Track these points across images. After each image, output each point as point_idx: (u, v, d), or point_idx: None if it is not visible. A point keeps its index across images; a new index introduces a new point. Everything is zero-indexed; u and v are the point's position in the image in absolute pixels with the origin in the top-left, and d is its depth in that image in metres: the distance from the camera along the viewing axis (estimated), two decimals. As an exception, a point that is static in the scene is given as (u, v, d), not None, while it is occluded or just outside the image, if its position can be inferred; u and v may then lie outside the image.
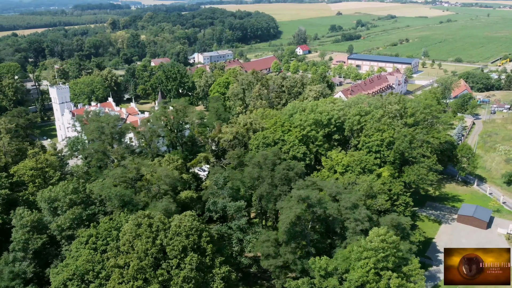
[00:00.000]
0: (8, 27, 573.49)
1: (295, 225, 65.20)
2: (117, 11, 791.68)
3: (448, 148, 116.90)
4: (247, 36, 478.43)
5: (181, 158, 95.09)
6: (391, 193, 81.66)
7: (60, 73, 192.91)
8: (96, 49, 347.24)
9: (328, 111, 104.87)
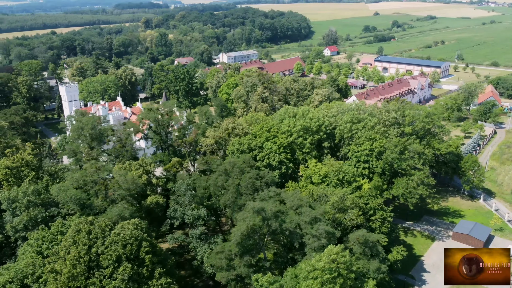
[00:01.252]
0: (51, 25, 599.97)
1: (249, 238, 62.75)
2: (155, 10, 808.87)
3: (452, 159, 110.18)
4: (277, 36, 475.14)
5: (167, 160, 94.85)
6: (367, 207, 77.30)
7: (78, 71, 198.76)
8: (125, 48, 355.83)
9: (318, 118, 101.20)
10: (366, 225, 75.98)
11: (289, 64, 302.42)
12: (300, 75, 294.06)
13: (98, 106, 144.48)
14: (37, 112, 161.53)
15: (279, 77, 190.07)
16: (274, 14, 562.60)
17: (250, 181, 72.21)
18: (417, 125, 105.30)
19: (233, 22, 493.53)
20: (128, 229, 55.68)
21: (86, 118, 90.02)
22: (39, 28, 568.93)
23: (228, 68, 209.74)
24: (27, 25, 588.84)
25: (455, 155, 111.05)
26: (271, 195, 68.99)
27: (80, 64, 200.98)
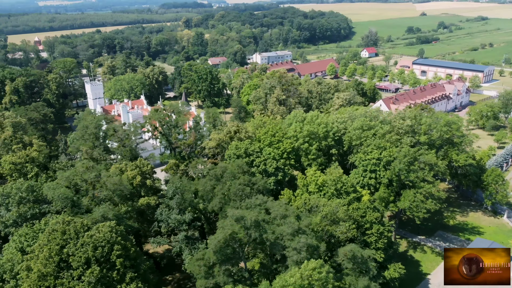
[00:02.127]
0: (98, 23, 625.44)
1: (227, 246, 61.13)
2: (198, 9, 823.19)
3: (474, 171, 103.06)
4: (315, 36, 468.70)
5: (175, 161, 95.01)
6: (362, 220, 73.43)
7: (109, 69, 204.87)
8: (163, 47, 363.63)
9: (326, 123, 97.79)
10: (361, 239, 72.14)
11: (322, 66, 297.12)
12: (333, 77, 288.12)
13: (120, 104, 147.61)
14: (66, 108, 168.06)
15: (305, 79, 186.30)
16: (314, 14, 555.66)
17: (239, 187, 70.55)
18: (433, 134, 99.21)
19: (271, 22, 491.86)
20: (101, 231, 55.71)
21: (90, 117, 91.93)
22: (87, 26, 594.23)
23: (254, 69, 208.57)
24: (76, 23, 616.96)
25: (477, 167, 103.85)
26: (258, 203, 66.98)
27: (111, 63, 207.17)
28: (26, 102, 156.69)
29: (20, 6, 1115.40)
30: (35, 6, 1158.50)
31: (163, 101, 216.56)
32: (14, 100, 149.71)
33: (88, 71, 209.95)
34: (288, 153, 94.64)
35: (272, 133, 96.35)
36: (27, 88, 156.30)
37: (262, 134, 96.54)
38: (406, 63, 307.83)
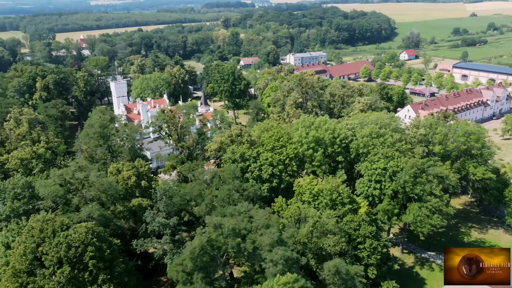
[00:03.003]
0: (141, 22, 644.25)
1: (205, 254, 60.04)
2: (239, 9, 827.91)
3: (495, 186, 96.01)
4: (354, 37, 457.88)
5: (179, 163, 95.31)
6: (355, 233, 70.01)
7: (138, 68, 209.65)
8: (198, 46, 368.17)
9: (333, 129, 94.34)
10: (351, 253, 68.89)
11: (355, 68, 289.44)
12: (367, 79, 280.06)
13: (141, 103, 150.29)
14: (93, 105, 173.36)
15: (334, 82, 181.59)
16: (355, 14, 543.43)
17: (227, 193, 69.28)
18: (448, 144, 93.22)
19: (310, 22, 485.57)
20: (77, 232, 56.27)
21: (96, 116, 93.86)
22: (131, 25, 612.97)
23: (280, 70, 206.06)
24: (121, 22, 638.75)
25: (498, 181, 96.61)
26: (242, 210, 65.39)
27: (141, 62, 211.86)
28: (56, 99, 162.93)
29: (74, 5, 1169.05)
30: (87, 5, 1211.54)
31: (190, 100, 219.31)
32: (44, 96, 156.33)
33: (114, 70, 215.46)
34: (291, 159, 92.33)
35: (276, 138, 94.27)
36: (57, 85, 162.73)
37: (266, 138, 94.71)
38: (446, 67, 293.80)
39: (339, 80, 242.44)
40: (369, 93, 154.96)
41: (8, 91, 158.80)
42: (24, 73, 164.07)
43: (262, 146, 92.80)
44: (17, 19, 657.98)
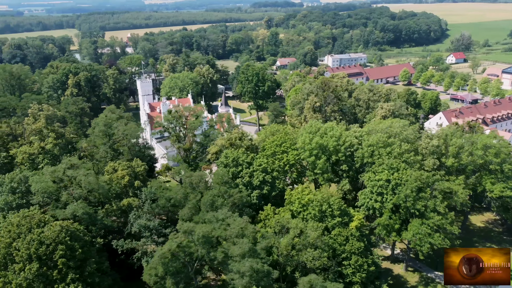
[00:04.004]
0: (188, 21, 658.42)
1: (176, 259, 59.30)
2: (287, 9, 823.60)
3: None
4: (400, 39, 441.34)
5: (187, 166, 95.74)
6: (340, 248, 66.42)
7: (170, 66, 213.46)
8: (238, 46, 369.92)
9: (338, 136, 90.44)
10: (334, 269, 65.42)
11: (395, 71, 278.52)
12: (406, 83, 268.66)
13: (163, 102, 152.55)
14: (122, 102, 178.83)
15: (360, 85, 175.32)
16: (404, 15, 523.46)
17: (210, 198, 68.18)
18: (463, 158, 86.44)
19: (354, 22, 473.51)
20: (50, 229, 57.37)
21: (102, 114, 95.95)
22: (178, 24, 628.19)
23: (309, 72, 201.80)
24: (169, 21, 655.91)
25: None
26: (221, 217, 64.00)
27: (173, 61, 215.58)
28: (86, 95, 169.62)
29: (129, 4, 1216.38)
30: (141, 4, 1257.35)
31: (219, 100, 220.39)
32: (75, 92, 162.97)
33: (153, 68, 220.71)
34: (292, 165, 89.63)
35: (279, 143, 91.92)
36: (88, 82, 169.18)
37: (268, 143, 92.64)
38: (495, 71, 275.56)
39: (372, 82, 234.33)
40: (395, 98, 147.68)
41: (43, 87, 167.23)
42: (58, 70, 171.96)
43: (263, 151, 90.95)
44: (73, 18, 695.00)
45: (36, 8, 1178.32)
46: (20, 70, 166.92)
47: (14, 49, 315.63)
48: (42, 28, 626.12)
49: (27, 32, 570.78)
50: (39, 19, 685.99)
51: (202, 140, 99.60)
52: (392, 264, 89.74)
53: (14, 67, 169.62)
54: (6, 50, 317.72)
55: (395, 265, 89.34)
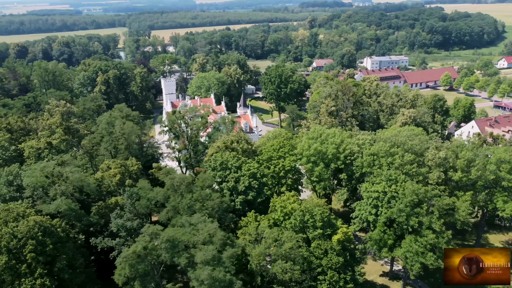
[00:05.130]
0: (234, 21, 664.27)
1: (142, 262, 59.12)
2: (335, 9, 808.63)
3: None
4: (449, 41, 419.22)
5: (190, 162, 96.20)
6: (316, 262, 63.31)
7: (200, 66, 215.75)
8: (276, 46, 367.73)
9: (338, 143, 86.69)
10: (308, 284, 62.48)
11: (436, 75, 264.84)
12: (447, 88, 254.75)
13: (182, 101, 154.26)
14: (147, 100, 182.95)
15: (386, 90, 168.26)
16: (456, 15, 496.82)
17: (187, 202, 67.50)
18: (472, 172, 79.73)
19: (401, 23, 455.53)
20: (24, 224, 59.08)
21: (106, 114, 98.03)
22: (224, 23, 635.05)
23: (337, 74, 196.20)
24: (215, 21, 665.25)
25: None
26: (193, 222, 63.11)
27: (202, 60, 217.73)
28: (114, 93, 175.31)
29: (180, 4, 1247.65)
30: (192, 4, 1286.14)
31: (249, 101, 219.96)
32: (103, 90, 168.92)
33: (184, 67, 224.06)
34: (287, 171, 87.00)
35: (277, 148, 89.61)
36: (117, 80, 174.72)
37: (266, 147, 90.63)
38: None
39: (408, 87, 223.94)
40: (422, 104, 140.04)
41: (74, 84, 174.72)
42: (89, 67, 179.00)
43: (260, 155, 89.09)
44: (125, 17, 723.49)
45: (94, 8, 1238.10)
46: (54, 67, 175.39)
47: (63, 46, 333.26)
48: (96, 26, 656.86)
49: (82, 30, 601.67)
50: (94, 18, 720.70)
51: (205, 141, 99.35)
52: (390, 280, 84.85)
53: (50, 64, 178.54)
54: (56, 48, 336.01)
55: (394, 282, 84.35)
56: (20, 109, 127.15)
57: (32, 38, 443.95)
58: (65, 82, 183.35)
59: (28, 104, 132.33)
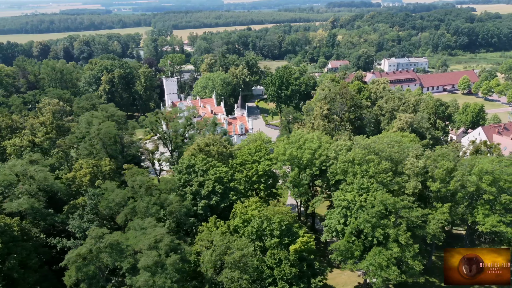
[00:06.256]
0: (257, 21, 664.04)
1: (88, 265, 58.74)
2: (361, 9, 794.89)
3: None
4: (475, 43, 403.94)
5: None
6: (268, 272, 61.17)
7: (207, 66, 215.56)
8: (293, 46, 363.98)
9: (315, 149, 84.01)
10: (255, 294, 60.50)
11: (454, 78, 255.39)
12: (466, 92, 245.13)
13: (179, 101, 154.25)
14: (151, 100, 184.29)
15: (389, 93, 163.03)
16: (485, 16, 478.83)
17: (144, 205, 66.76)
18: (451, 183, 75.39)
19: (426, 24, 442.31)
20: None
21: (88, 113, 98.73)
22: (247, 23, 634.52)
23: (344, 76, 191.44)
24: (238, 20, 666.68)
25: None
26: (144, 226, 62.28)
27: (211, 60, 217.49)
28: (119, 92, 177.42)
29: (208, 3, 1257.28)
30: (219, 3, 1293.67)
31: (257, 102, 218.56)
32: (107, 89, 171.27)
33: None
34: (260, 176, 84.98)
35: (253, 151, 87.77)
36: (122, 79, 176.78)
37: (242, 150, 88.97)
38: None
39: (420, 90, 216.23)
40: (423, 109, 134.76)
41: (80, 83, 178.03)
42: (95, 66, 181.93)
43: (234, 159, 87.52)
44: (150, 16, 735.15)
45: (124, 7, 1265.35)
46: (62, 66, 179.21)
47: (83, 45, 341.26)
48: (122, 25, 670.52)
49: (108, 29, 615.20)
50: (120, 18, 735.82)
51: (187, 143, 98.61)
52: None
53: (58, 63, 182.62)
54: (76, 46, 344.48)
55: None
56: (19, 107, 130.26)
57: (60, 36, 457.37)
58: (73, 81, 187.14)
59: (27, 102, 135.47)
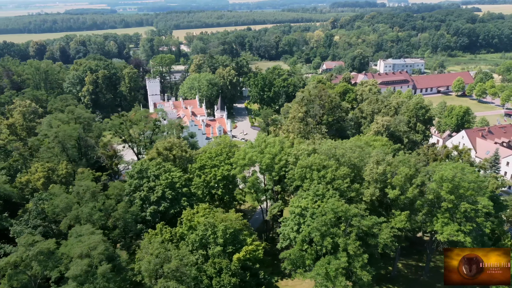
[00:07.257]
0: (259, 21, 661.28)
1: (20, 273, 57.34)
2: (365, 9, 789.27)
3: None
4: (476, 44, 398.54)
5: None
6: (205, 282, 59.38)
7: (196, 67, 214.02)
8: (290, 47, 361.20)
9: (274, 153, 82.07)
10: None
11: (448, 80, 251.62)
12: (460, 94, 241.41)
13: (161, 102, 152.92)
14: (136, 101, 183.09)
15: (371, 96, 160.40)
16: (488, 17, 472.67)
17: (88, 211, 65.29)
18: (409, 190, 72.96)
19: (426, 25, 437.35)
20: None
21: (52, 116, 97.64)
22: (249, 23, 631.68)
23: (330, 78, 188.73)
24: (240, 20, 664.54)
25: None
26: (83, 232, 60.80)
27: (199, 61, 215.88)
28: (103, 92, 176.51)
29: (213, 3, 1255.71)
30: (224, 4, 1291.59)
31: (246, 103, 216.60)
32: (91, 89, 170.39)
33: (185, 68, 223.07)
34: (218, 181, 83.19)
35: (213, 156, 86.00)
36: (107, 79, 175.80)
37: (201, 155, 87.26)
38: None
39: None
40: (404, 112, 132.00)
41: (65, 83, 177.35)
42: (80, 67, 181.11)
43: (194, 163, 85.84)
44: (153, 16, 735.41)
45: (130, 7, 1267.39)
46: (46, 66, 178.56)
47: (79, 45, 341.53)
48: (124, 25, 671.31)
49: (111, 29, 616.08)
50: (123, 17, 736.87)
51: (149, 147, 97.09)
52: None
53: (42, 63, 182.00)
54: (72, 46, 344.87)
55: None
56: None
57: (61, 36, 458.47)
58: (59, 81, 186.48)
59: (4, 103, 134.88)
